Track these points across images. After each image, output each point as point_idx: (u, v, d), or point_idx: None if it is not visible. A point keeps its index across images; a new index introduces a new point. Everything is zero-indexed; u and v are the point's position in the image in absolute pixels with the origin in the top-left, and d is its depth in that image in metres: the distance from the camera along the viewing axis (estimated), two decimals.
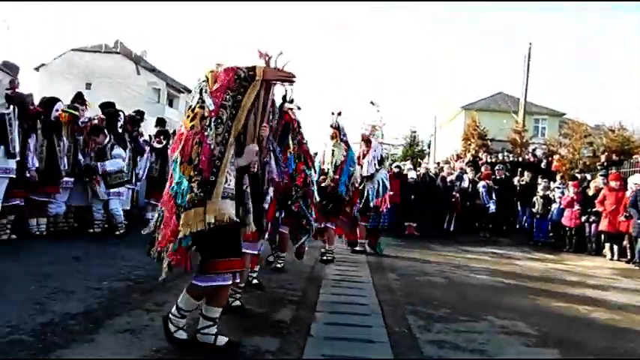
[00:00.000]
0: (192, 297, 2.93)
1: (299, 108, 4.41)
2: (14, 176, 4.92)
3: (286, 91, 3.87)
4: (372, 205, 7.54)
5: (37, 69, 32.78)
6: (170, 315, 2.99)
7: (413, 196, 11.95)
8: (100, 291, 3.99)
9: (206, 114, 2.70)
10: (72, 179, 6.10)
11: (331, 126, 6.52)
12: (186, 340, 2.99)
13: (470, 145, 22.89)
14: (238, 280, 3.16)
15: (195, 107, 2.75)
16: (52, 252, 5.19)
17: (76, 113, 6.00)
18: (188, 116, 2.78)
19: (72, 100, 6.28)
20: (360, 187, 7.36)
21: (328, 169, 6.50)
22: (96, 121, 6.26)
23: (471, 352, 3.58)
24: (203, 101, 2.72)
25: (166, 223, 2.75)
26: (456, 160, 16.37)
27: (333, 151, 6.54)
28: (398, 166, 12.35)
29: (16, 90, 4.74)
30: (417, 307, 4.66)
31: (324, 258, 6.69)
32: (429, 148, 41.09)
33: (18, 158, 4.94)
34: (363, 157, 7.46)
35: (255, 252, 3.85)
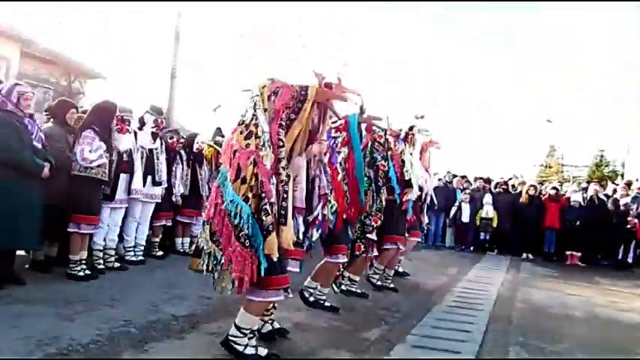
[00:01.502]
0: (251, 313, 3.02)
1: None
2: (159, 201, 5.86)
3: (362, 106, 3.90)
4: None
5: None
6: (229, 337, 3.05)
7: (578, 222, 10.58)
8: (210, 299, 4.47)
9: (259, 133, 2.75)
10: None
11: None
12: (260, 355, 3.04)
13: None
14: (291, 295, 3.18)
15: (249, 124, 2.79)
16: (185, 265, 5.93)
17: (219, 148, 6.83)
18: (241, 132, 2.81)
19: (213, 135, 7.25)
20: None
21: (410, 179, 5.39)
22: None
23: None
24: (256, 118, 2.78)
25: (225, 242, 2.81)
26: None
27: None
28: (555, 188, 11.08)
29: (161, 127, 5.71)
30: (529, 341, 4.18)
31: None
32: (623, 167, 35.77)
33: (165, 185, 5.88)
34: None
35: (296, 270, 3.64)
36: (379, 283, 5.71)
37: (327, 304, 4.48)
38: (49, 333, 3.27)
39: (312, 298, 4.40)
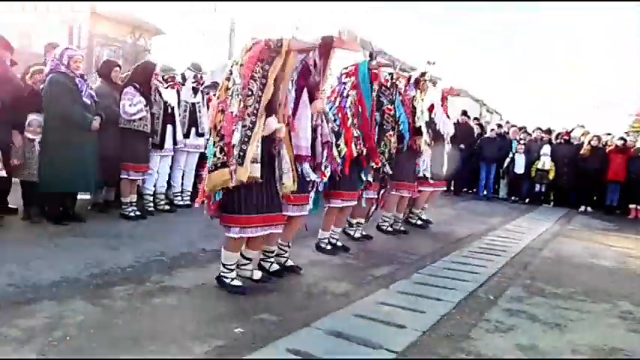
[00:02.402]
0: (227, 250, 3.41)
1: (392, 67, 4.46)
2: (203, 151, 6.41)
3: (372, 51, 4.10)
4: None
5: None
6: (220, 273, 3.47)
7: None
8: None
9: (230, 85, 3.11)
10: None
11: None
12: (239, 286, 3.44)
13: None
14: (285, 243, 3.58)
15: (229, 79, 3.15)
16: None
17: None
18: (221, 87, 3.23)
19: None
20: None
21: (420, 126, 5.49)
22: None
23: (543, 323, 3.28)
24: (231, 73, 3.13)
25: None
26: None
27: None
28: (622, 138, 10.42)
29: (201, 82, 6.19)
30: (534, 283, 4.31)
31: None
32: None
33: (207, 137, 6.42)
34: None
35: (298, 214, 3.83)
36: (389, 229, 5.91)
37: (338, 244, 4.81)
38: (96, 258, 3.93)
39: (328, 247, 4.71)
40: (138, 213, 5.53)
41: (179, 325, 2.83)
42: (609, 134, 10.83)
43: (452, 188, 11.10)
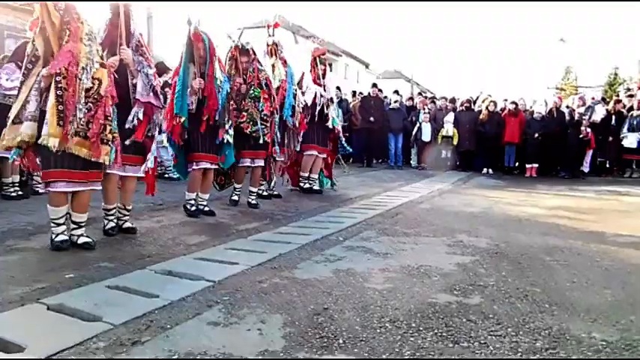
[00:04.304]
0: (49, 204, 3.47)
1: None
2: None
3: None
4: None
5: None
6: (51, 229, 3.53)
7: (536, 135, 10.71)
8: None
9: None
10: None
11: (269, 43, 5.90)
12: (63, 240, 3.45)
13: None
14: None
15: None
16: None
17: None
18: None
19: None
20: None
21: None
22: None
23: (374, 254, 3.60)
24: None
25: None
26: None
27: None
28: (514, 102, 11.13)
29: None
30: (393, 227, 4.66)
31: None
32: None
33: None
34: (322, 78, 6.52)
35: (131, 174, 3.95)
36: (265, 193, 6.13)
37: (206, 209, 4.94)
38: None
39: (193, 208, 4.83)
40: (20, 193, 5.48)
41: (8, 276, 2.92)
42: (505, 100, 11.55)
43: (364, 160, 11.55)
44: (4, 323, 2.19)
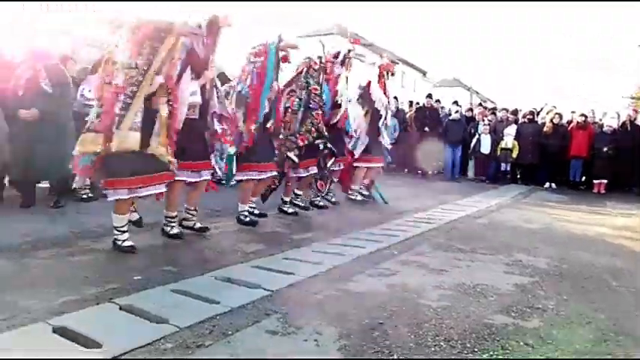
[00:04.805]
0: (115, 212, 3.70)
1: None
2: None
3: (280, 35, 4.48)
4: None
5: None
6: (114, 237, 3.74)
7: (606, 149, 10.20)
8: None
9: (115, 60, 3.42)
10: None
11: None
12: (131, 246, 3.71)
13: None
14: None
15: (113, 52, 3.46)
16: None
17: None
18: (107, 60, 3.49)
19: None
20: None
21: (340, 102, 5.79)
22: None
23: (428, 270, 3.59)
24: (116, 46, 3.47)
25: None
26: None
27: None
28: (583, 115, 10.66)
29: None
30: (448, 242, 4.62)
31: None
32: None
33: None
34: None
35: (195, 179, 4.16)
36: (302, 204, 6.03)
37: (256, 211, 5.09)
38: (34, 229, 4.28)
39: (248, 219, 4.94)
40: (90, 195, 5.87)
41: (84, 276, 3.16)
42: (573, 112, 11.08)
43: (419, 171, 11.43)
44: (83, 320, 2.38)
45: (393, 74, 6.52)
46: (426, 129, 11.06)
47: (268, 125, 4.73)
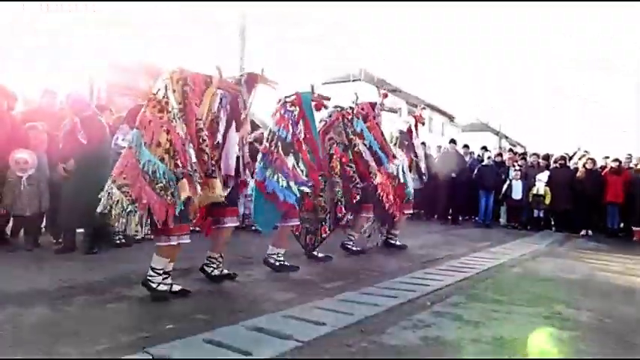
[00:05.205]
0: (161, 256, 3.75)
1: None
2: None
3: (313, 85, 4.63)
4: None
5: None
6: (147, 277, 3.76)
7: None
8: None
9: (170, 109, 3.49)
10: None
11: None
12: (165, 290, 3.76)
13: None
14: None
15: (161, 101, 3.51)
16: None
17: None
18: (154, 106, 3.50)
19: None
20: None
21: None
22: None
23: (464, 322, 3.47)
24: (168, 97, 3.52)
25: (137, 193, 3.48)
26: None
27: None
28: (617, 159, 10.42)
29: None
30: (484, 292, 4.49)
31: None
32: None
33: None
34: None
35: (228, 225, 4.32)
36: (354, 248, 6.23)
37: (286, 263, 5.06)
38: (69, 275, 4.37)
39: (277, 264, 4.98)
40: (124, 241, 6.00)
41: (118, 323, 3.19)
42: (607, 157, 10.87)
43: (449, 217, 11.28)
44: None
45: (423, 124, 6.65)
46: (453, 174, 10.99)
47: None
